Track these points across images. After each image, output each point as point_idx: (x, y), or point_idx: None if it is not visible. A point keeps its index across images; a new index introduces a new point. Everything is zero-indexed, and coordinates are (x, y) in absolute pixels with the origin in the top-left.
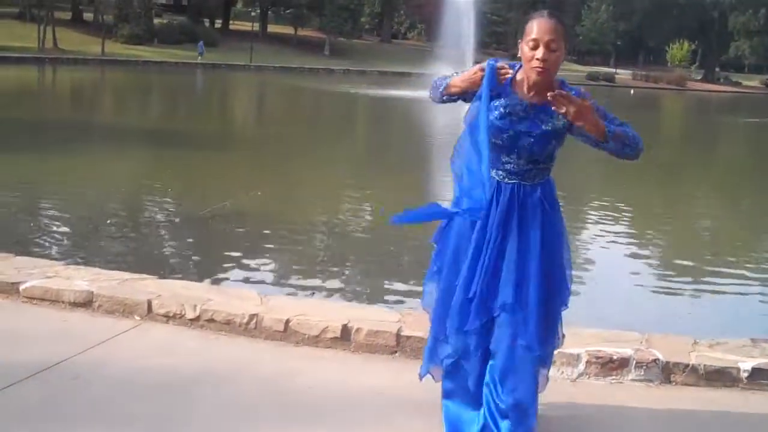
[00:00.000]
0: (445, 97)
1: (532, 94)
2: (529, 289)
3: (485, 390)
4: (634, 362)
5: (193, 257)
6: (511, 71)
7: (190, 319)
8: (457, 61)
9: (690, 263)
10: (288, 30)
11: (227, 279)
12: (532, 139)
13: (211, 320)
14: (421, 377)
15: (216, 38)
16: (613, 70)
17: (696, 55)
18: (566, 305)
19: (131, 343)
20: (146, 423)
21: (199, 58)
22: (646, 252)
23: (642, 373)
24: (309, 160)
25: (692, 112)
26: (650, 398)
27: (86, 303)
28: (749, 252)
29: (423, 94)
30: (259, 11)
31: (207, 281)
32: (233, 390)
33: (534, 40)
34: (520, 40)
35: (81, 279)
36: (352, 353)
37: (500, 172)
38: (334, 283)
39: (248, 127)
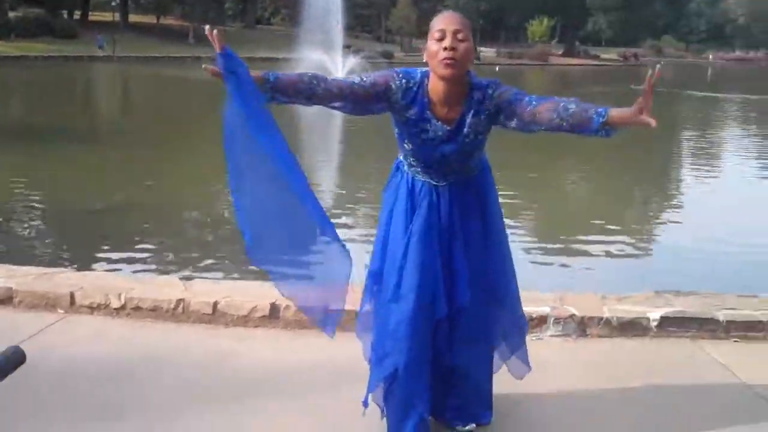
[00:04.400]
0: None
1: (446, 110)
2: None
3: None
4: (552, 319)
5: (106, 250)
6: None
7: (116, 309)
8: (323, 44)
9: (590, 226)
10: (150, 19)
11: (142, 271)
12: (461, 157)
13: (137, 308)
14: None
15: (75, 30)
16: (477, 48)
17: (555, 31)
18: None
19: (59, 336)
20: (84, 413)
21: (100, 51)
22: (548, 220)
23: (560, 328)
24: (193, 146)
25: (556, 86)
26: (569, 351)
27: (6, 299)
28: (642, 214)
29: None
30: (119, 1)
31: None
32: (170, 374)
33: (440, 30)
34: (423, 48)
35: None
36: (283, 330)
37: (433, 177)
38: (253, 267)
39: (135, 121)
